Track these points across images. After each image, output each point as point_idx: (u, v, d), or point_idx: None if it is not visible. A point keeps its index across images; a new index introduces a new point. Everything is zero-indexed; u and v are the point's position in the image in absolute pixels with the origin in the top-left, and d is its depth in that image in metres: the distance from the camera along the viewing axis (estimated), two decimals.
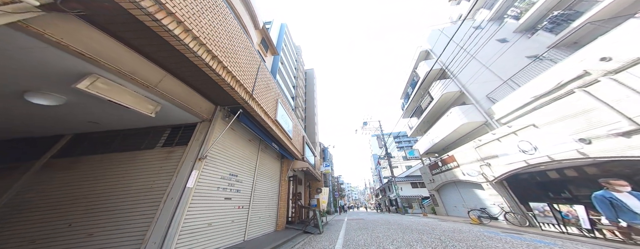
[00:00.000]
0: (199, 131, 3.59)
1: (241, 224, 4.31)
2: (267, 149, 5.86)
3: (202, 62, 2.56)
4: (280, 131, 5.19)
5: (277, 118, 4.75)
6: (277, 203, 6.00)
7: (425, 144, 15.41)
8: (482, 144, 8.32)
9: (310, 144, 9.39)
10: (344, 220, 11.19)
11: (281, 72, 25.09)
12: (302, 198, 9.81)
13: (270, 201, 5.70)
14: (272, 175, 5.95)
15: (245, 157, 4.80)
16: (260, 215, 5.12)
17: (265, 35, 12.95)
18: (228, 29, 3.07)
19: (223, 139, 4.01)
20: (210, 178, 3.63)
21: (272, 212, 5.71)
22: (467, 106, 10.76)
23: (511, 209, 7.33)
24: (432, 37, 15.16)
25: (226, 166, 4.10)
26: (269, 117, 4.56)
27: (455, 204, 12.04)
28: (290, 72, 31.14)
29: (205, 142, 3.43)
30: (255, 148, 5.33)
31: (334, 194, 25.77)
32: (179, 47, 2.31)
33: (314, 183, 12.62)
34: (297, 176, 8.67)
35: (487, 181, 8.32)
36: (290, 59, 33.28)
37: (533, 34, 11.50)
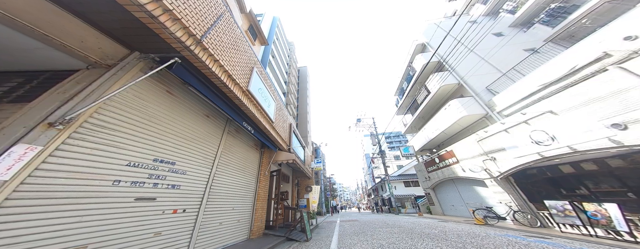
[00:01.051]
0: (75, 81, 2.08)
1: (179, 235, 2.93)
2: (238, 134, 4.54)
3: None
4: (256, 107, 3.97)
5: (250, 88, 3.51)
6: (253, 203, 4.74)
7: (421, 141, 14.79)
8: (486, 137, 7.61)
9: (299, 135, 8.27)
10: (336, 222, 10.16)
11: (272, 65, 23.89)
12: (289, 197, 8.70)
13: (242, 200, 4.44)
14: (246, 167, 4.69)
15: (194, 138, 3.35)
16: (223, 220, 3.86)
17: (253, 22, 11.79)
18: None
19: (144, 104, 2.60)
20: (96, 163, 2.10)
21: (245, 215, 4.49)
22: (466, 99, 10.13)
23: (520, 208, 6.64)
24: (429, 31, 14.62)
25: (145, 147, 2.60)
26: (237, 83, 3.27)
27: (453, 203, 11.40)
28: (282, 68, 30.00)
29: (85, 99, 1.98)
30: (218, 129, 3.93)
31: (326, 194, 24.74)
32: None
33: (303, 181, 11.49)
34: (283, 172, 7.53)
35: (491, 177, 7.63)
36: (283, 54, 32.21)
37: (529, 28, 11.15)
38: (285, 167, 8.44)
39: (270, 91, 4.72)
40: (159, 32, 2.02)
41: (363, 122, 21.20)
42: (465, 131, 11.10)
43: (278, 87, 25.11)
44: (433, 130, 12.50)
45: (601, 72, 4.41)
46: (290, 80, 32.86)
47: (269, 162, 5.31)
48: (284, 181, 8.86)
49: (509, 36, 11.46)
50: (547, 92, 6.11)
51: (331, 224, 9.05)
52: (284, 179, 8.72)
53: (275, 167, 6.47)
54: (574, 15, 8.45)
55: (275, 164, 6.70)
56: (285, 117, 5.98)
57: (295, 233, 5.06)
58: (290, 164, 7.43)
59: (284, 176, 8.56)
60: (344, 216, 16.44)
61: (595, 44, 4.94)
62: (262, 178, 5.07)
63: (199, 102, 3.61)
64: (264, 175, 5.08)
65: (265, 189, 5.20)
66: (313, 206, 8.80)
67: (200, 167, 3.50)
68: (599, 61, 4.80)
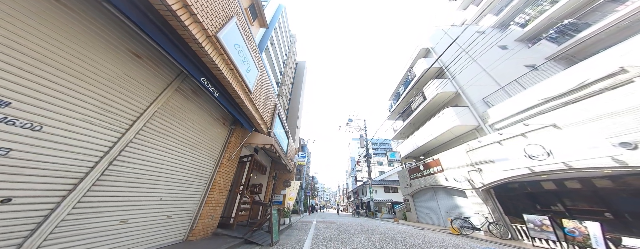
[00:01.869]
0: None
1: None
2: (197, 97, 3.39)
3: None
4: (226, 64, 2.97)
5: (220, 36, 2.59)
6: (203, 193, 3.66)
7: (408, 147, 14.72)
8: (477, 147, 7.46)
9: (284, 120, 7.55)
10: (312, 223, 9.64)
11: (269, 52, 22.99)
12: (263, 190, 8.07)
13: (184, 188, 3.27)
14: (202, 144, 3.61)
15: (88, 74, 2.01)
16: (133, 216, 2.51)
17: (255, 1, 11.01)
18: None
19: None
20: None
21: (184, 209, 3.30)
22: (461, 108, 10.06)
23: (495, 220, 6.53)
24: (435, 37, 14.55)
25: None
26: (198, 20, 2.26)
27: (429, 210, 11.37)
28: (279, 58, 29.07)
29: None
30: (159, 80, 2.71)
31: (306, 192, 24.23)
32: None
33: (282, 174, 10.77)
34: (258, 160, 6.79)
35: (473, 188, 7.51)
36: (282, 44, 31.25)
37: (534, 44, 11.32)
38: (262, 156, 7.71)
39: (254, 56, 4.02)
40: None
41: (354, 123, 20.92)
42: (452, 141, 11.08)
43: (272, 76, 24.19)
44: (423, 137, 12.40)
45: (624, 85, 4.20)
46: (286, 72, 31.96)
47: (240, 144, 4.49)
48: (259, 172, 7.96)
49: (513, 50, 11.57)
50: (546, 107, 6.01)
51: (306, 224, 8.50)
52: (259, 169, 7.81)
53: (248, 152, 5.67)
54: (584, 33, 8.53)
55: (249, 148, 5.94)
56: (269, 94, 5.26)
57: (259, 234, 4.30)
58: (269, 151, 6.72)
59: (260, 166, 7.69)
60: (321, 217, 15.96)
61: (615, 57, 4.77)
62: (225, 162, 4.09)
63: (120, 29, 2.24)
64: (229, 159, 4.12)
65: (228, 177, 4.22)
66: (289, 203, 8.22)
67: (91, 125, 2.04)
68: (613, 76, 4.65)
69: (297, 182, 8.35)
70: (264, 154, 7.83)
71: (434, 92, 11.68)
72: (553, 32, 10.50)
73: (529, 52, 11.56)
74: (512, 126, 6.88)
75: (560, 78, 5.86)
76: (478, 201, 7.29)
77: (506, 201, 6.92)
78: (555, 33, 10.44)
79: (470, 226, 6.65)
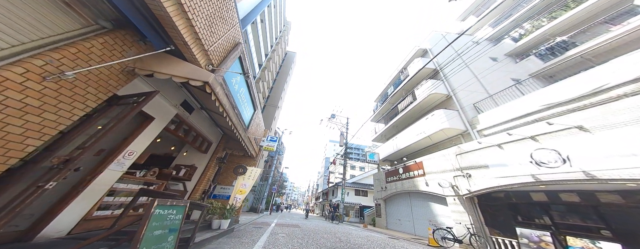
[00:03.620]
0: None
1: None
2: None
3: None
4: None
5: None
6: None
7: (388, 150, 14.12)
8: (470, 150, 6.81)
9: (247, 68, 5.27)
10: (270, 226, 7.98)
11: (257, 30, 20.84)
12: (197, 177, 5.59)
13: None
14: None
15: None
16: None
17: None
18: None
19: None
20: None
21: None
22: (451, 111, 9.61)
23: (476, 232, 5.84)
24: (434, 39, 14.37)
25: None
26: None
27: (400, 217, 10.70)
28: (268, 40, 26.87)
29: None
30: None
31: (272, 188, 22.25)
32: None
33: (238, 159, 8.21)
34: (192, 125, 4.71)
35: (457, 195, 6.82)
36: (274, 27, 29.08)
37: (521, 60, 11.61)
38: (204, 122, 5.27)
39: None
40: None
41: (337, 119, 19.86)
42: (432, 147, 10.66)
43: (255, 56, 21.97)
44: (406, 139, 11.81)
45: None
46: (273, 57, 29.77)
47: (130, 67, 2.54)
48: (195, 147, 5.48)
49: (502, 63, 11.73)
50: (550, 113, 5.51)
51: (260, 229, 6.72)
52: (192, 141, 5.34)
53: (146, 88, 3.12)
54: (573, 51, 8.68)
55: (168, 87, 3.85)
56: (229, 17, 3.49)
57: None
58: (211, 112, 4.81)
59: (195, 136, 5.27)
60: (284, 218, 14.16)
61: None
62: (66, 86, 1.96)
63: None
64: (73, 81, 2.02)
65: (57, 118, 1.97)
66: (237, 198, 5.88)
67: None
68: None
69: (257, 171, 6.56)
70: (208, 122, 5.66)
71: (426, 93, 11.18)
72: (543, 48, 10.83)
73: (516, 67, 11.86)
74: (505, 132, 6.39)
75: (567, 84, 5.42)
76: (459, 210, 6.61)
77: (486, 211, 6.34)
78: (544, 50, 10.77)
79: (453, 237, 5.85)
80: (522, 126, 5.97)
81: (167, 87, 3.62)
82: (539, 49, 10.96)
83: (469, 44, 11.20)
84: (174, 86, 3.83)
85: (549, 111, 5.65)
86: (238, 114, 5.07)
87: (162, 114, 3.48)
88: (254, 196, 20.39)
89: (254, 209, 18.95)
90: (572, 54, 8.85)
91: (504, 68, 11.51)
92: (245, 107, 5.89)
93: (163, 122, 3.53)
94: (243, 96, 5.44)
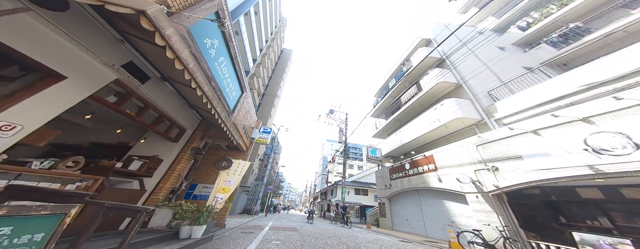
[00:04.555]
0: None
1: None
2: None
3: None
4: None
5: None
6: None
7: (390, 145, 13.12)
8: (496, 139, 5.79)
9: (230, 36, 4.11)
10: (263, 230, 6.79)
11: (251, 22, 19.70)
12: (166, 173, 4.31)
13: None
14: None
15: None
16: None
17: None
18: None
19: None
20: None
21: None
22: (463, 100, 8.66)
23: (510, 236, 4.84)
24: (437, 29, 13.48)
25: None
26: None
27: (407, 217, 9.67)
28: (262, 33, 25.73)
29: None
30: None
31: (267, 188, 20.93)
32: None
33: (224, 152, 6.81)
34: (147, 99, 3.51)
35: (480, 192, 5.82)
36: (269, 21, 28.06)
37: (531, 49, 10.80)
38: (165, 94, 3.94)
39: None
40: None
41: (335, 115, 18.78)
42: (444, 139, 9.69)
43: (249, 51, 20.85)
44: (412, 132, 10.82)
45: None
46: (268, 52, 28.68)
47: None
48: (162, 132, 4.21)
49: (510, 52, 10.90)
50: (589, 94, 4.56)
51: (250, 234, 5.47)
52: (162, 127, 4.23)
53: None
54: (589, 37, 7.86)
55: None
56: None
57: None
58: (174, 81, 3.58)
59: (161, 119, 4.09)
60: (280, 220, 12.83)
61: None
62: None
63: None
64: None
65: None
66: (218, 197, 4.51)
67: None
68: None
69: (243, 164, 5.31)
70: (177, 101, 4.30)
71: (434, 82, 10.21)
72: (555, 35, 10.06)
73: (525, 56, 11.05)
74: (527, 119, 5.44)
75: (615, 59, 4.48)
76: (484, 209, 5.60)
77: (518, 211, 5.35)
78: (556, 37, 10.01)
79: (483, 241, 4.83)
80: (554, 111, 5.04)
81: (95, 35, 2.42)
82: (549, 37, 10.20)
83: (473, 34, 10.41)
84: (110, 39, 2.62)
85: (591, 91, 4.71)
86: (217, 89, 3.90)
87: (83, 74, 2.27)
88: (248, 196, 19.05)
89: (248, 210, 17.60)
90: (589, 39, 8.03)
91: (512, 57, 10.68)
92: (229, 85, 4.71)
93: (87, 88, 2.31)
94: (224, 68, 4.26)
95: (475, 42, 9.75)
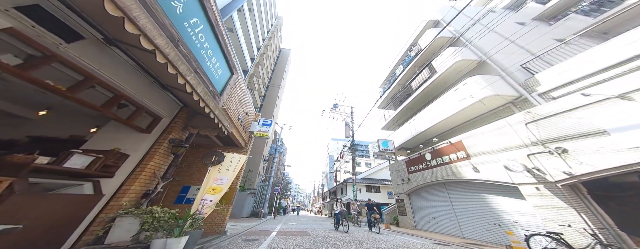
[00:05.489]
0: None
1: None
2: None
3: None
4: None
5: None
6: None
7: (404, 135, 11.75)
8: (560, 112, 4.40)
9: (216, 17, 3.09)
10: (270, 235, 5.52)
11: (245, 18, 18.59)
12: (113, 170, 2.90)
13: None
14: None
15: None
16: None
17: None
18: None
19: None
20: None
21: None
22: (492, 76, 7.29)
23: (607, 241, 3.47)
24: (444, 9, 12.08)
25: None
26: None
27: (435, 215, 8.29)
28: (258, 31, 24.68)
29: None
30: None
31: (274, 189, 19.68)
32: None
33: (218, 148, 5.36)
34: (87, 69, 2.25)
35: (542, 183, 4.45)
36: (264, 19, 27.02)
37: (557, 21, 9.35)
38: (122, 67, 2.73)
39: None
40: None
41: (340, 109, 17.46)
42: (471, 123, 8.28)
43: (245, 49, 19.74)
44: (429, 119, 9.45)
45: None
46: (266, 51, 27.58)
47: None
48: (126, 119, 3.08)
49: (531, 26, 9.45)
50: None
51: (254, 242, 4.20)
52: (121, 111, 3.10)
53: None
54: (630, 1, 6.43)
55: None
56: None
57: None
58: (129, 46, 2.31)
59: (117, 100, 2.84)
60: (289, 223, 11.63)
61: None
62: None
63: None
64: None
65: None
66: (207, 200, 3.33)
67: None
68: None
69: (239, 158, 4.02)
70: (144, 80, 3.15)
71: (450, 61, 8.84)
72: (587, 3, 8.73)
73: (551, 28, 9.57)
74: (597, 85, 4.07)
75: None
76: (554, 204, 4.21)
77: (605, 206, 3.95)
78: (589, 5, 8.69)
79: (567, 247, 3.47)
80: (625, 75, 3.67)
81: None
82: (578, 7, 8.87)
83: (484, 12, 9.07)
84: None
85: None
86: (191, 59, 2.64)
87: None
88: (255, 199, 17.84)
89: (255, 213, 16.39)
90: (632, 3, 6.61)
91: (537, 30, 9.21)
92: (211, 59, 3.42)
93: None
94: (202, 35, 2.97)
95: (488, 19, 8.40)
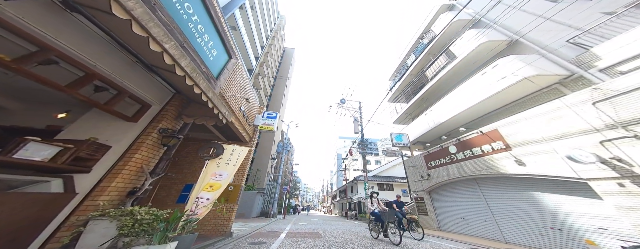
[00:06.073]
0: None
1: None
2: None
3: None
4: None
5: None
6: None
7: (420, 128, 10.73)
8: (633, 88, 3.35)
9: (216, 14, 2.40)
10: (279, 237, 4.78)
11: (247, 16, 18.08)
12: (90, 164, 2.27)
13: None
14: None
15: None
16: None
17: None
18: None
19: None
20: None
21: None
22: (528, 56, 6.20)
23: None
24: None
25: None
26: None
27: (464, 215, 7.26)
28: (261, 29, 24.22)
29: None
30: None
31: (282, 188, 19.01)
32: None
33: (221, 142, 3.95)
34: (35, 36, 1.60)
35: (628, 177, 3.42)
36: (267, 17, 26.63)
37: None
38: (94, 41, 2.03)
39: None
40: None
41: (348, 104, 16.54)
42: (505, 110, 7.17)
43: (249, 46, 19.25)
44: (451, 108, 8.41)
45: None
46: (270, 50, 27.11)
47: None
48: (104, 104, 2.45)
49: (567, 2, 8.15)
50: None
51: (260, 245, 3.57)
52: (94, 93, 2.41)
53: None
54: None
55: None
56: None
57: None
58: (100, 10, 1.71)
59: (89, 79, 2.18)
60: (300, 222, 10.92)
61: None
62: None
63: None
64: None
65: None
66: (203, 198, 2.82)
67: None
68: None
69: (240, 151, 3.24)
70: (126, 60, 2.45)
71: (474, 44, 7.77)
72: None
73: (593, 2, 8.25)
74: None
75: None
76: None
77: None
78: None
79: None
80: None
81: None
82: None
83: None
84: None
85: None
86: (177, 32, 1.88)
87: None
88: (264, 198, 17.24)
89: (265, 213, 15.79)
90: None
91: (575, 6, 7.92)
92: (204, 38, 2.65)
93: None
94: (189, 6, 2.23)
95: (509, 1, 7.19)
